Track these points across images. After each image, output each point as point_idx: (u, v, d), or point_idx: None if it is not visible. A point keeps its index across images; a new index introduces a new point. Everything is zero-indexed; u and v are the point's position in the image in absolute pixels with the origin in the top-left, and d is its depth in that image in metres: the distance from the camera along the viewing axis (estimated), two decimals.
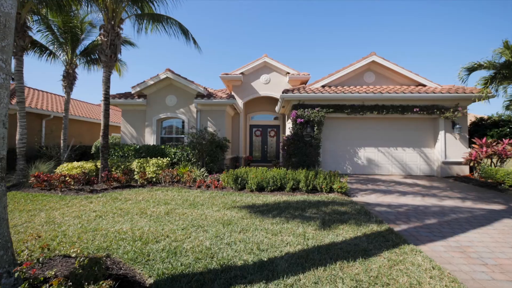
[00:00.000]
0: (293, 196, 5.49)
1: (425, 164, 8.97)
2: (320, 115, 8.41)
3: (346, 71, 9.35)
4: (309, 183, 5.70)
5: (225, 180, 6.25)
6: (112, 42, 6.52)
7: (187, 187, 6.41)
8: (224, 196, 5.52)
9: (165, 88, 9.77)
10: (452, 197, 5.86)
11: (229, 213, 4.34)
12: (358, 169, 9.06)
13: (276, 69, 11.82)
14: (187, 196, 5.50)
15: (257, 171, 6.16)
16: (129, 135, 9.83)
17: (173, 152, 8.23)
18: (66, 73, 9.97)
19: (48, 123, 11.66)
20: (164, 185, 6.61)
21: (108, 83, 6.66)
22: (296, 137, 8.52)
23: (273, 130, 13.38)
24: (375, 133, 9.06)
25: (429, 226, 3.87)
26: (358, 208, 4.60)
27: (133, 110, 9.83)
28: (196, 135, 7.85)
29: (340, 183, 5.63)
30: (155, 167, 6.83)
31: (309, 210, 4.45)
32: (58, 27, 9.63)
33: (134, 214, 4.30)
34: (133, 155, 8.29)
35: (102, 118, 6.63)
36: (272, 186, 5.77)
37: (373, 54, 9.24)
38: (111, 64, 6.65)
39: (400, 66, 9.21)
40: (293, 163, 8.51)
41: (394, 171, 8.99)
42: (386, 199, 5.56)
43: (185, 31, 8.70)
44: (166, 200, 5.17)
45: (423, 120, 8.99)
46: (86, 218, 4.12)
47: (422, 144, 9.00)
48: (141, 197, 5.43)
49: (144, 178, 6.60)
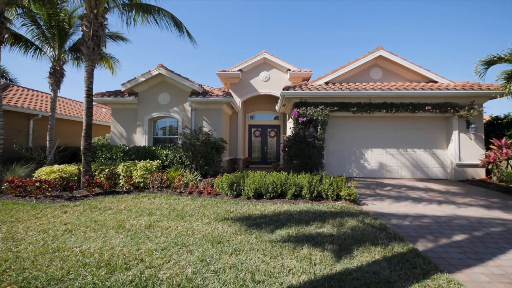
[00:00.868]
0: (295, 205, 4.85)
1: (437, 167, 8.32)
2: (324, 113, 7.77)
3: (351, 67, 8.72)
4: (313, 190, 5.07)
5: (219, 186, 5.62)
6: (95, 33, 5.91)
7: (177, 193, 5.78)
8: (217, 204, 4.89)
9: (157, 85, 9.16)
10: (474, 204, 5.21)
11: (221, 226, 3.71)
12: (365, 172, 8.41)
13: (276, 66, 11.20)
14: (176, 205, 4.88)
15: (254, 176, 5.53)
16: (120, 135, 9.22)
17: (165, 154, 7.61)
18: (53, 70, 9.36)
19: (37, 123, 11.07)
20: (152, 191, 5.99)
21: (91, 79, 6.05)
22: (298, 137, 7.89)
23: (273, 130, 12.75)
24: (383, 133, 8.42)
25: (459, 244, 3.23)
26: (372, 220, 3.97)
27: (124, 109, 9.22)
28: (189, 135, 7.23)
29: (348, 190, 5.00)
30: (143, 171, 6.21)
31: (314, 223, 3.82)
32: (44, 21, 9.04)
33: (110, 228, 3.68)
34: (122, 157, 7.68)
35: (84, 117, 6.02)
36: (271, 193, 5.14)
37: (380, 49, 8.60)
38: (94, 58, 6.04)
39: (410, 61, 8.56)
40: (294, 166, 7.88)
41: (404, 174, 8.34)
42: (400, 207, 4.92)
43: (179, 23, 8.10)
44: (150, 210, 4.55)
45: (435, 119, 8.35)
46: (52, 233, 3.51)
47: (434, 145, 8.35)
48: (123, 206, 4.81)
49: (131, 183, 5.98)
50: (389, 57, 8.57)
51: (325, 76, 8.77)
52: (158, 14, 7.63)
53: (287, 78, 11.12)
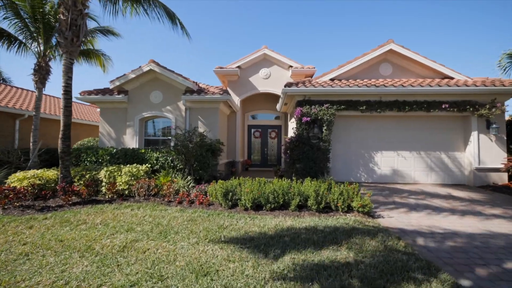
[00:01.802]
0: (300, 218, 4.16)
1: (453, 171, 7.60)
2: (330, 112, 7.08)
3: (358, 62, 8.02)
4: (321, 200, 4.38)
5: (213, 194, 4.94)
6: (74, 22, 5.26)
7: (165, 203, 5.10)
8: (209, 217, 4.20)
9: (149, 82, 8.49)
10: (506, 216, 4.50)
11: (211, 248, 3.03)
12: (374, 176, 7.70)
13: (277, 62, 10.52)
14: (161, 218, 4.20)
15: (253, 183, 4.83)
16: (109, 137, 8.56)
17: (155, 157, 6.94)
18: (38, 67, 8.70)
19: (23, 123, 10.44)
20: (138, 199, 5.31)
21: (69, 73, 5.39)
22: (301, 139, 7.20)
23: (274, 131, 12.06)
24: (394, 134, 7.71)
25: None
26: (395, 241, 3.26)
27: (113, 109, 8.55)
28: (181, 136, 6.55)
29: (361, 201, 4.30)
30: (128, 177, 5.53)
31: (325, 246, 3.13)
32: (28, 13, 8.41)
33: (75, 251, 3.01)
34: (108, 161, 7.01)
35: (61, 117, 5.37)
36: (272, 203, 4.45)
37: (391, 42, 7.90)
38: (73, 50, 5.37)
39: (423, 56, 7.86)
40: (297, 170, 7.19)
41: (417, 179, 7.62)
42: (422, 220, 4.22)
43: (171, 14, 7.46)
44: (131, 224, 3.88)
45: (452, 119, 7.63)
46: (3, 258, 2.85)
47: (450, 147, 7.63)
48: (100, 219, 4.14)
49: (113, 191, 5.31)
50: (400, 51, 7.87)
51: (330, 72, 8.08)
52: (149, 4, 6.99)
53: (288, 75, 10.44)
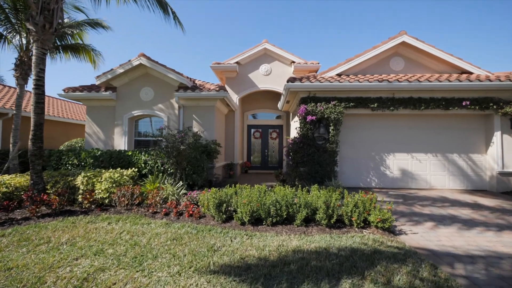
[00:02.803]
0: (307, 236, 3.45)
1: (473, 175, 6.89)
2: (338, 110, 6.37)
3: (368, 56, 7.31)
4: (332, 213, 3.67)
5: (204, 205, 4.24)
6: (46, 5, 4.57)
7: (150, 214, 4.40)
8: (198, 235, 3.50)
9: (139, 78, 7.81)
10: None
11: (195, 283, 2.33)
12: (386, 181, 6.99)
13: (279, 58, 9.83)
14: (141, 235, 3.50)
15: (251, 192, 4.13)
16: (96, 137, 7.88)
17: (143, 160, 6.25)
18: (20, 61, 8.02)
19: (8, 123, 9.76)
20: (119, 210, 4.61)
21: (41, 65, 4.70)
22: (306, 140, 6.50)
23: (275, 131, 11.36)
24: (409, 135, 7.00)
25: None
26: (430, 270, 2.55)
27: (100, 107, 7.87)
28: (171, 138, 5.86)
29: (380, 214, 3.59)
30: (109, 184, 4.84)
31: (343, 277, 2.42)
32: (7, 3, 7.75)
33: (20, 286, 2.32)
34: (92, 164, 6.32)
35: (32, 114, 4.69)
36: (274, 217, 3.74)
37: (404, 34, 7.20)
38: (46, 38, 4.69)
39: (438, 49, 7.15)
40: (301, 174, 6.49)
41: (433, 184, 6.90)
42: (454, 237, 3.50)
43: (163, 3, 6.77)
44: (102, 245, 3.18)
45: (472, 118, 6.92)
46: None
47: (470, 149, 6.91)
48: (67, 237, 3.44)
49: (91, 200, 4.61)
50: (414, 44, 7.16)
51: (337, 67, 7.37)
52: None
53: (291, 71, 9.75)
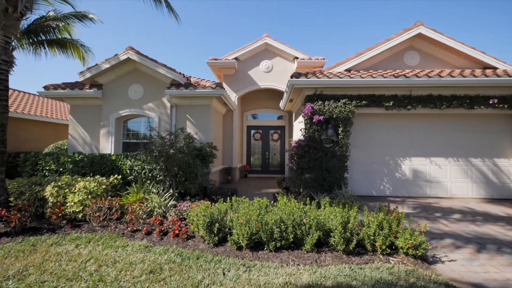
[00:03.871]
0: (321, 268, 2.72)
1: (498, 182, 6.15)
2: (348, 109, 5.65)
3: (379, 50, 6.60)
4: (351, 236, 2.94)
5: (194, 222, 3.52)
6: None
7: (128, 233, 3.68)
8: (183, 265, 2.78)
9: (127, 75, 7.10)
10: None
11: None
12: (401, 189, 6.25)
13: (281, 53, 9.12)
14: (111, 265, 2.78)
15: (249, 208, 3.40)
16: (80, 140, 7.17)
17: (129, 166, 5.53)
18: None
19: None
20: (93, 226, 3.89)
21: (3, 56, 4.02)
22: (312, 142, 5.78)
23: (277, 132, 10.65)
24: (427, 137, 6.26)
25: None
26: None
27: (85, 106, 7.17)
28: (159, 140, 5.15)
29: (412, 239, 2.86)
30: (83, 194, 4.13)
31: None
32: None
33: None
34: (71, 170, 5.61)
35: None
36: (278, 240, 3.02)
37: (420, 25, 6.48)
38: (9, 24, 4.00)
39: (459, 41, 6.44)
40: (306, 181, 5.76)
41: (455, 192, 6.17)
42: (502, 268, 2.78)
43: None
44: (57, 281, 2.47)
45: (497, 118, 6.19)
46: None
47: (495, 153, 6.18)
48: (17, 267, 2.73)
49: (60, 215, 3.90)
50: (431, 35, 6.45)
51: (345, 62, 6.66)
52: None
53: (294, 68, 9.04)
